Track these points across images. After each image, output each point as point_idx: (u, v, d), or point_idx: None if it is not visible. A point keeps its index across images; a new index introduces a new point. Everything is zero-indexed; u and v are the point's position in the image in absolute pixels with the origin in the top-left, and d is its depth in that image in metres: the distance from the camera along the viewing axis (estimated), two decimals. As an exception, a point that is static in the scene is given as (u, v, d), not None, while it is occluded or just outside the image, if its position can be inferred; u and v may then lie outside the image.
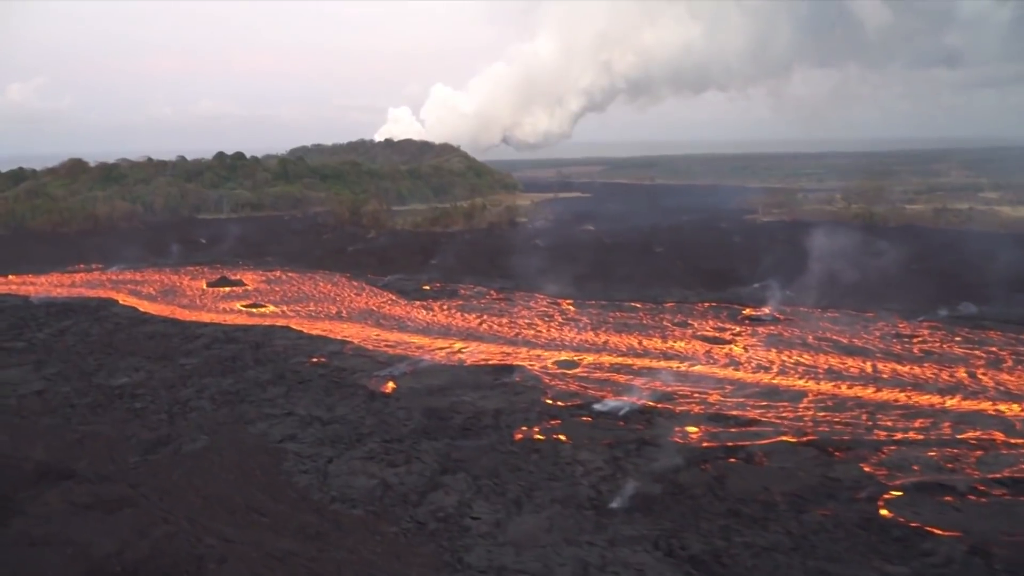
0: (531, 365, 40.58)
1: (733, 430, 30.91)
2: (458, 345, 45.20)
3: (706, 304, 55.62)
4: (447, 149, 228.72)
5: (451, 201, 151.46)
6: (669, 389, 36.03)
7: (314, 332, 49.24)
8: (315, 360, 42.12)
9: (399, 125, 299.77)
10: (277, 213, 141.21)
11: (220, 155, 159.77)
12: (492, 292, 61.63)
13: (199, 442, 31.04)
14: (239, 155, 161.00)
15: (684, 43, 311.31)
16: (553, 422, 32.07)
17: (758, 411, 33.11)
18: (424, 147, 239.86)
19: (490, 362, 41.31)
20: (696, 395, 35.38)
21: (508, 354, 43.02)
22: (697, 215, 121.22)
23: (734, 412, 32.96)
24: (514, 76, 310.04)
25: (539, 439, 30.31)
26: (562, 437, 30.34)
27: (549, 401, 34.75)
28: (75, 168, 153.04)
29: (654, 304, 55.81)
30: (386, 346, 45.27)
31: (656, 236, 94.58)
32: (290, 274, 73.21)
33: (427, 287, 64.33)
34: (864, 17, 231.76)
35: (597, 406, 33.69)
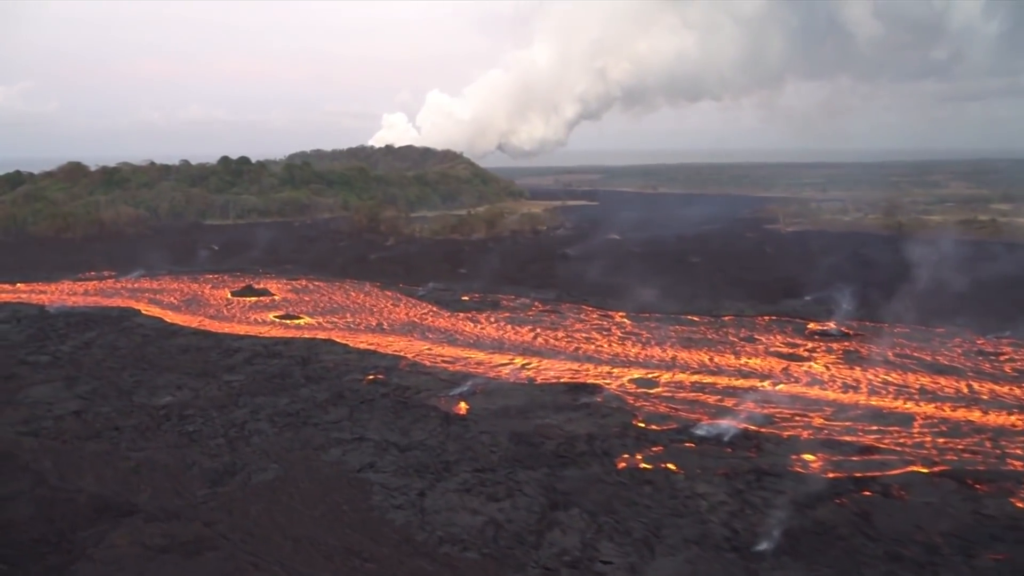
0: (607, 383, 37.97)
1: (855, 459, 28.45)
2: (519, 361, 42.51)
3: (766, 318, 53.25)
4: (450, 156, 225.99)
5: (460, 208, 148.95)
6: (766, 411, 33.51)
7: (360, 346, 46.38)
8: (372, 377, 39.30)
9: (394, 131, 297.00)
10: (284, 219, 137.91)
11: (225, 159, 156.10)
12: (537, 304, 58.89)
13: (270, 471, 28.18)
14: (244, 160, 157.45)
15: (678, 52, 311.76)
16: (655, 449, 29.46)
17: (872, 436, 30.67)
18: (426, 154, 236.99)
19: (562, 380, 38.68)
20: (797, 418, 32.90)
21: (577, 371, 40.41)
22: (716, 224, 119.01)
23: (846, 438, 30.52)
24: (510, 83, 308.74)
25: (646, 468, 27.71)
26: (671, 466, 27.74)
27: (641, 424, 32.16)
28: (74, 172, 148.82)
29: (712, 317, 53.37)
30: (443, 362, 42.47)
31: (685, 245, 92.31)
32: (316, 283, 70.15)
33: (466, 298, 61.49)
34: (855, 30, 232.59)
35: (697, 431, 31.15)
